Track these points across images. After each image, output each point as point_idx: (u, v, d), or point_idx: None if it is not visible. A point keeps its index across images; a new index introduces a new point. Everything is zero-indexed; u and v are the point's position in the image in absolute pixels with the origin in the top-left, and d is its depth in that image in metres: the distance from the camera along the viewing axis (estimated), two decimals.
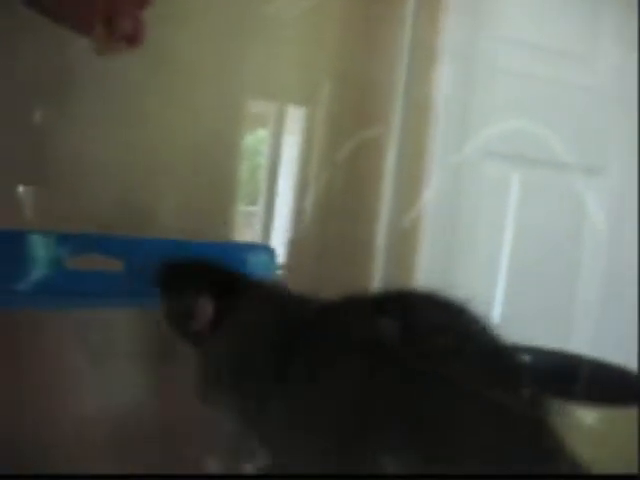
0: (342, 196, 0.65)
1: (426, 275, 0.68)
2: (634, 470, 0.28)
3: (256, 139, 0.64)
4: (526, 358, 0.37)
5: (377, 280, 0.66)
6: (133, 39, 0.40)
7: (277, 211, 0.63)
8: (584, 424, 0.28)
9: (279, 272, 0.52)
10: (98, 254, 0.40)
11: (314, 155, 0.65)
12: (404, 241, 0.67)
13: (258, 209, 0.63)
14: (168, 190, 0.55)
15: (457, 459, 0.29)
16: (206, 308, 0.35)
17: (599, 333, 0.74)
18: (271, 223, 0.63)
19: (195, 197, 0.55)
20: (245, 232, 0.62)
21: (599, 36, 0.75)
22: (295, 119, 0.65)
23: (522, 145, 0.72)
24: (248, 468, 0.34)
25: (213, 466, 0.37)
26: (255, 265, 0.43)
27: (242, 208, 0.62)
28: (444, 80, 0.67)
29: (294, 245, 0.63)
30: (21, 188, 0.46)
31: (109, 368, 0.46)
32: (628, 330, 0.70)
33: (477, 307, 0.32)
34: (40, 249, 0.39)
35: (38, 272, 0.39)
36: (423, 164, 0.68)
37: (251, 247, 0.47)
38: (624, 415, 0.28)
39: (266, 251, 0.46)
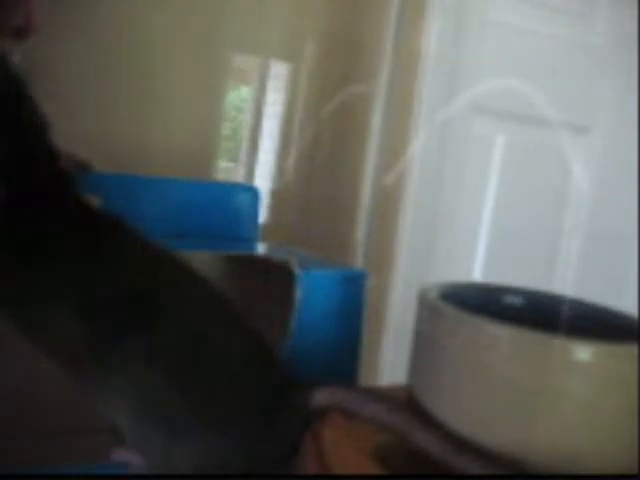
0: (327, 153, 0.64)
1: (410, 231, 0.68)
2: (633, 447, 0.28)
3: (239, 96, 0.63)
4: (514, 299, 0.37)
5: (360, 235, 0.65)
6: (24, 31, 0.34)
7: (259, 167, 0.62)
8: (580, 359, 0.27)
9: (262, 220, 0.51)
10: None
11: (299, 112, 0.64)
12: (389, 197, 0.67)
13: (240, 165, 0.62)
14: (150, 142, 0.53)
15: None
16: None
17: (579, 288, 0.74)
18: (253, 179, 0.62)
19: (176, 153, 0.54)
20: None
21: None
22: (280, 76, 0.63)
23: (509, 102, 0.72)
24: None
25: None
26: (239, 204, 0.42)
27: (224, 164, 0.61)
28: (433, 35, 0.66)
29: (277, 201, 0.62)
30: None
31: None
32: (608, 286, 0.70)
33: None
34: None
35: None
36: (409, 121, 0.67)
37: (234, 186, 0.46)
38: (621, 351, 0.28)
39: (250, 191, 0.45)
